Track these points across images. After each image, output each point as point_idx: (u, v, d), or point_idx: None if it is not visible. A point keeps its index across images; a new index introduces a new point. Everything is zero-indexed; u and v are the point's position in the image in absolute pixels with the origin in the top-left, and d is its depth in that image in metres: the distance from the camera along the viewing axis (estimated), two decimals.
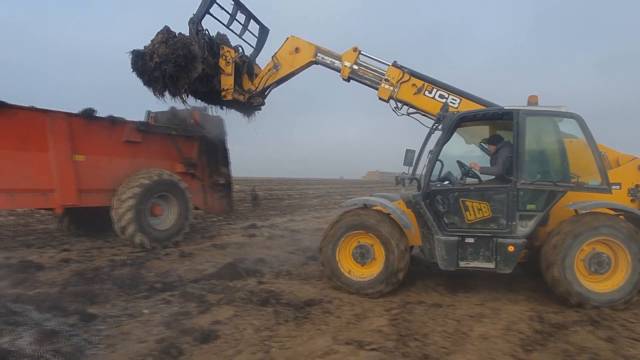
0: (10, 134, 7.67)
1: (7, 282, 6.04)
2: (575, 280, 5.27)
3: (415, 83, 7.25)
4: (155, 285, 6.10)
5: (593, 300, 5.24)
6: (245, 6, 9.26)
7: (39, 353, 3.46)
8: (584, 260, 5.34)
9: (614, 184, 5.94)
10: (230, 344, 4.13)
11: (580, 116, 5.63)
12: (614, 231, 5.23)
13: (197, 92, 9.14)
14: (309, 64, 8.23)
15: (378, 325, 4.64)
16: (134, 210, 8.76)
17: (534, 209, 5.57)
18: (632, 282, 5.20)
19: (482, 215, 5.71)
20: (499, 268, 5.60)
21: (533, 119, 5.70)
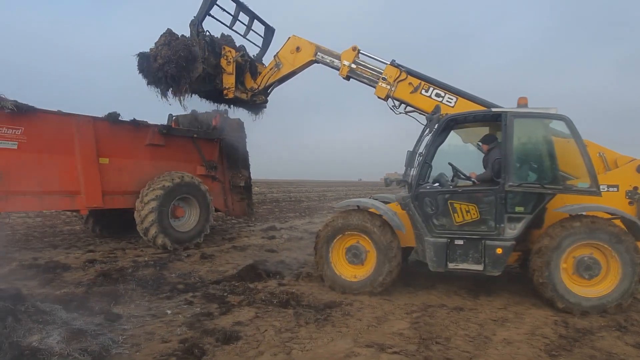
0: (38, 137, 7.90)
1: (36, 282, 6.22)
2: (561, 285, 5.22)
3: (412, 82, 7.25)
4: (178, 286, 6.19)
5: (581, 306, 5.16)
6: (247, 7, 9.40)
7: (67, 351, 3.54)
8: (573, 264, 5.28)
9: (612, 186, 5.87)
10: (252, 345, 4.16)
11: (568, 118, 5.54)
12: (600, 234, 5.14)
13: (200, 91, 9.31)
14: (309, 63, 8.33)
15: (399, 328, 4.62)
16: (157, 212, 8.92)
17: (522, 211, 5.52)
18: (623, 286, 5.10)
19: (470, 217, 5.69)
20: (488, 270, 5.57)
21: (521, 120, 5.66)
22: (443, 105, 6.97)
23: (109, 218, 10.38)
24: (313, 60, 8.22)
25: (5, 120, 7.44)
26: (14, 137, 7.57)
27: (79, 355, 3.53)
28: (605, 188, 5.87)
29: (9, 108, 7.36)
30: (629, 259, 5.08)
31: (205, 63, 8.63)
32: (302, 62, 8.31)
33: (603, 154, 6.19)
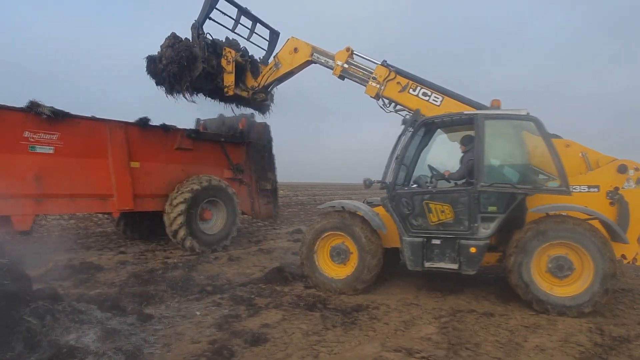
0: (73, 142, 8.17)
1: (71, 282, 6.43)
2: (534, 285, 5.28)
3: (400, 81, 7.40)
4: (206, 287, 6.28)
5: (556, 306, 5.19)
6: (249, 11, 9.66)
7: (102, 350, 3.64)
8: (546, 264, 5.31)
9: (593, 187, 5.86)
10: (280, 347, 4.19)
11: (537, 119, 5.60)
12: (569, 234, 5.16)
13: (203, 89, 9.58)
14: (306, 63, 8.59)
15: (427, 333, 4.57)
16: (185, 215, 9.09)
17: (495, 211, 5.60)
18: (597, 286, 5.08)
19: (445, 217, 5.81)
20: (463, 269, 5.66)
21: (492, 122, 5.74)
22: (429, 104, 7.12)
23: (139, 220, 10.63)
24: (310, 61, 8.51)
25: (43, 126, 7.73)
26: (51, 142, 7.85)
27: (113, 354, 3.63)
28: (586, 189, 5.89)
29: (46, 114, 7.65)
30: (601, 258, 5.06)
31: (206, 63, 9.04)
32: (299, 62, 8.60)
33: (585, 154, 6.14)
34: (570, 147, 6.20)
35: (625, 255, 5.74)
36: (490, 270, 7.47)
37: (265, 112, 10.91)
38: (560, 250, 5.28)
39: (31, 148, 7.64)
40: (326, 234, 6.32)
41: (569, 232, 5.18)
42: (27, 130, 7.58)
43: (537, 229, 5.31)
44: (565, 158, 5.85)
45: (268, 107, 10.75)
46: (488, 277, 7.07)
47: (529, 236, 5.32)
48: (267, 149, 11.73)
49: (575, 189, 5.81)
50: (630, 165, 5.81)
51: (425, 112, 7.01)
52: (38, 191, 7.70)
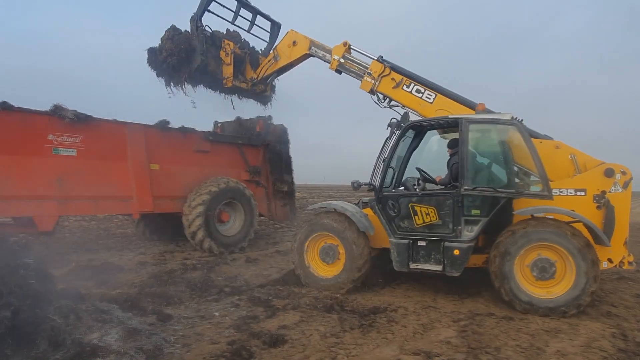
0: (94, 145, 8.33)
1: (93, 282, 6.55)
2: (517, 287, 5.33)
3: (395, 77, 7.44)
4: (224, 289, 6.34)
5: (539, 307, 5.22)
6: (248, 3, 9.74)
7: (124, 349, 3.71)
8: (529, 266, 5.35)
9: (579, 190, 5.86)
10: (298, 348, 4.20)
11: (519, 123, 5.71)
12: (551, 236, 5.20)
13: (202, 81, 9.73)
14: (304, 57, 8.69)
15: (446, 336, 4.53)
16: (203, 217, 9.19)
17: (479, 214, 5.65)
18: (579, 287, 5.10)
19: (429, 220, 5.91)
20: (447, 271, 5.74)
21: (475, 126, 5.82)
22: (422, 101, 7.17)
23: (158, 222, 10.78)
24: (308, 54, 8.60)
25: (66, 129, 7.91)
26: (73, 145, 8.03)
27: (134, 353, 3.69)
28: (573, 192, 5.90)
29: (70, 117, 7.83)
30: (582, 260, 5.09)
31: (204, 54, 9.21)
32: (297, 56, 8.72)
33: (575, 156, 6.14)
34: (559, 149, 6.24)
35: (611, 259, 5.72)
36: None
37: (267, 104, 11.07)
38: (544, 252, 5.31)
39: (55, 151, 7.83)
40: (315, 234, 6.50)
41: (551, 234, 5.22)
42: (51, 133, 7.77)
43: (519, 231, 5.36)
44: (554, 160, 6.03)
45: (269, 98, 10.92)
46: None
47: (512, 238, 5.37)
48: (284, 151, 11.79)
49: (563, 192, 5.88)
50: (617, 169, 5.78)
51: (418, 109, 7.18)
52: (61, 193, 7.88)
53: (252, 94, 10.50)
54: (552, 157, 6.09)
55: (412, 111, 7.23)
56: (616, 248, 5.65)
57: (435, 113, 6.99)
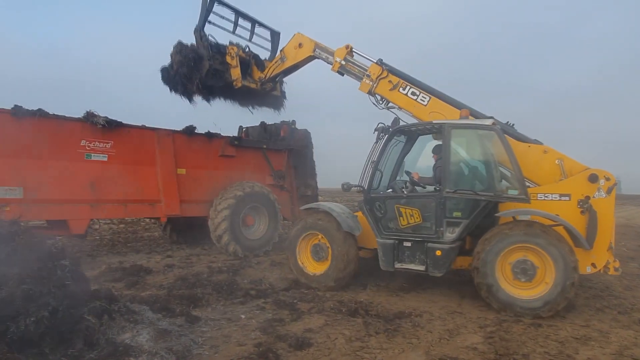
0: (124, 150, 8.58)
1: (123, 284, 6.74)
2: (498, 287, 5.45)
3: (392, 80, 7.59)
4: (250, 292, 6.42)
5: (517, 307, 5.33)
6: (246, 14, 10.17)
7: (155, 350, 3.81)
8: (510, 267, 5.47)
9: (564, 195, 5.95)
10: (324, 352, 4.24)
11: (498, 129, 5.94)
12: (532, 238, 5.33)
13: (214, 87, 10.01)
14: (308, 58, 8.95)
15: (472, 342, 4.50)
16: (229, 221, 9.32)
17: (460, 216, 5.89)
18: (557, 289, 5.19)
19: (414, 221, 6.16)
20: (430, 271, 5.97)
21: (457, 131, 6.08)
22: (417, 103, 7.34)
23: (184, 225, 10.98)
24: (312, 56, 8.84)
25: (98, 135, 8.17)
26: (104, 150, 8.28)
27: (165, 353, 3.79)
28: (557, 197, 6.00)
29: (101, 124, 8.09)
30: (562, 262, 5.18)
31: (211, 60, 9.60)
32: (302, 57, 8.95)
33: (562, 161, 6.22)
34: (547, 154, 6.34)
35: (595, 264, 5.81)
36: None
37: (280, 109, 11.42)
38: (525, 254, 5.43)
39: (87, 156, 8.09)
40: (306, 233, 6.87)
41: (531, 237, 5.34)
42: (84, 139, 8.03)
43: (500, 233, 5.51)
44: (542, 164, 6.23)
45: (281, 102, 11.29)
46: None
47: (492, 240, 5.51)
48: (308, 155, 11.86)
49: (548, 197, 6.02)
50: (600, 174, 5.85)
51: (412, 111, 7.36)
52: (93, 197, 8.13)
53: (264, 100, 10.89)
54: (540, 162, 6.29)
55: (407, 113, 7.46)
56: (599, 253, 5.75)
57: (428, 115, 7.15)
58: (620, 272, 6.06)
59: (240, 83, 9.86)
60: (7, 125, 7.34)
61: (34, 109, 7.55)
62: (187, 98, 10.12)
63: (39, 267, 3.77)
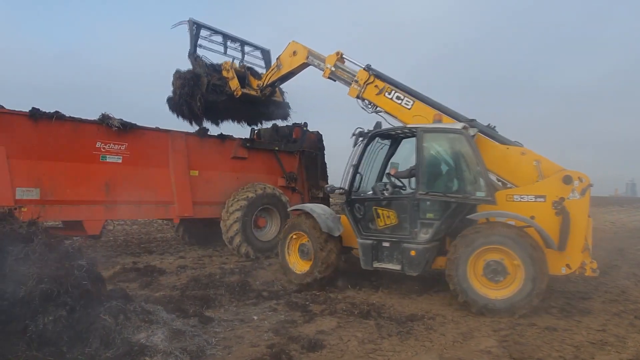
0: (138, 152, 8.69)
1: (137, 284, 6.82)
2: (470, 289, 5.55)
3: (378, 84, 7.75)
4: (262, 293, 6.45)
5: (491, 308, 5.43)
6: (233, 36, 10.84)
7: (169, 350, 3.85)
8: (482, 268, 5.59)
9: (539, 197, 5.98)
10: (336, 354, 4.24)
11: (465, 132, 6.10)
12: (500, 239, 5.46)
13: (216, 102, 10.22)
14: (303, 65, 9.19)
15: (487, 345, 4.46)
16: (241, 222, 9.38)
17: (432, 217, 6.08)
18: (527, 289, 5.29)
19: (390, 222, 6.40)
20: (406, 270, 6.16)
21: (429, 135, 6.29)
22: (401, 107, 7.47)
23: (196, 227, 11.06)
24: (305, 63, 9.05)
25: (113, 137, 8.29)
26: (119, 152, 8.40)
27: (179, 353, 3.83)
28: (533, 198, 6.03)
29: (116, 126, 8.20)
30: (531, 262, 5.28)
31: (209, 77, 10.00)
32: (297, 64, 9.19)
33: (539, 162, 6.22)
34: (525, 155, 6.39)
35: (569, 265, 5.81)
36: (551, 283, 7.17)
37: (287, 117, 11.71)
38: (495, 255, 5.54)
39: (102, 158, 8.22)
40: (293, 233, 7.20)
41: (500, 238, 5.47)
42: (99, 141, 8.16)
43: (471, 235, 5.64)
44: (520, 166, 6.32)
45: (286, 111, 11.61)
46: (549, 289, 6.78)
47: (464, 241, 5.65)
48: (319, 157, 11.89)
49: (524, 198, 6.06)
50: (575, 176, 5.87)
51: (397, 115, 7.52)
52: (108, 198, 8.25)
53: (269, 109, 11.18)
54: (518, 163, 6.36)
55: (392, 117, 7.62)
56: (573, 254, 5.75)
57: (412, 119, 7.30)
58: (598, 273, 6.07)
59: (240, 91, 10.13)
60: (24, 128, 7.48)
61: (51, 112, 7.68)
62: (195, 121, 10.39)
63: (56, 267, 3.83)
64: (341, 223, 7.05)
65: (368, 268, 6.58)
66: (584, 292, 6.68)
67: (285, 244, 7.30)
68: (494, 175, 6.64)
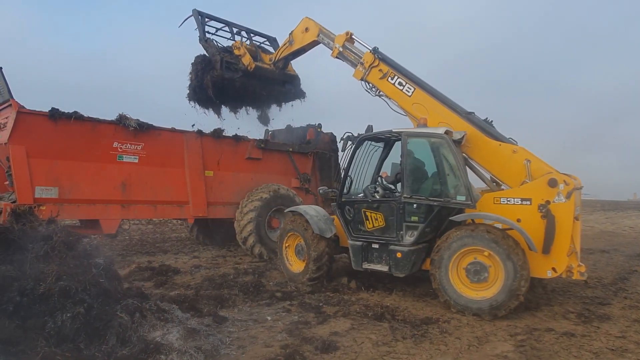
0: (154, 152, 8.78)
1: (152, 283, 6.88)
2: (451, 289, 5.68)
3: (382, 69, 7.71)
4: (276, 294, 6.46)
5: (471, 308, 5.52)
6: (236, 24, 10.82)
7: (184, 348, 3.87)
8: (464, 270, 5.70)
9: (525, 199, 5.98)
10: (350, 355, 4.23)
11: (446, 137, 6.16)
12: (482, 241, 5.54)
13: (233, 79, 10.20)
14: (313, 43, 9.14)
15: (502, 350, 4.40)
16: (254, 223, 9.41)
17: (417, 220, 6.20)
18: (506, 290, 5.35)
19: (378, 225, 6.55)
20: (393, 272, 6.33)
21: (413, 139, 6.43)
22: (402, 93, 7.43)
23: (211, 227, 11.13)
24: (316, 41, 8.97)
25: (129, 137, 8.40)
26: (136, 152, 8.50)
27: (194, 352, 3.85)
28: (519, 201, 6.04)
29: (133, 126, 8.30)
30: (511, 264, 5.35)
31: (222, 55, 10.06)
32: (308, 41, 9.14)
33: (529, 162, 6.21)
34: (516, 154, 6.37)
35: (555, 269, 5.74)
36: (569, 288, 7.06)
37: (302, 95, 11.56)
38: (478, 256, 5.62)
39: (119, 157, 8.33)
40: (290, 234, 7.45)
41: (481, 240, 5.55)
42: (116, 141, 8.26)
43: (453, 237, 5.77)
44: (510, 164, 6.34)
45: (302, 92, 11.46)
46: (567, 294, 6.68)
47: (446, 243, 5.78)
48: (333, 158, 11.88)
49: (510, 201, 6.08)
50: (560, 179, 5.82)
51: (398, 100, 7.51)
52: (124, 197, 8.35)
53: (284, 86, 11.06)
54: (509, 161, 6.36)
55: (393, 102, 7.62)
56: (559, 257, 5.70)
57: (411, 106, 7.32)
58: (587, 277, 6.01)
59: (253, 64, 10.17)
60: (44, 127, 7.62)
61: (70, 112, 7.81)
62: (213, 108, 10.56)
63: (75, 264, 3.89)
64: (334, 225, 7.23)
65: (358, 269, 6.76)
66: (603, 298, 6.56)
67: (282, 244, 7.56)
68: (488, 173, 6.73)
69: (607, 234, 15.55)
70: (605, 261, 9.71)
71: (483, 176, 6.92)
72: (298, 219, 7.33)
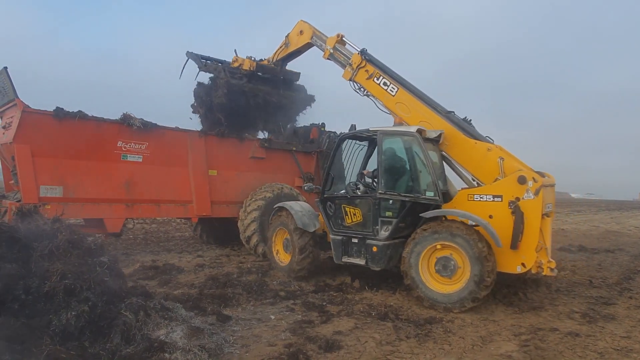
0: (158, 151, 8.80)
1: (156, 282, 6.90)
2: (422, 284, 5.87)
3: (368, 69, 7.93)
4: (279, 293, 6.46)
5: (441, 302, 5.71)
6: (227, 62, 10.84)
7: (188, 347, 3.88)
8: (435, 264, 5.89)
9: (497, 196, 6.09)
10: (354, 355, 4.23)
11: (417, 135, 6.34)
12: (449, 237, 5.73)
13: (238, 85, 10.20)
14: (307, 45, 9.38)
15: (507, 350, 4.39)
16: (258, 222, 9.41)
17: (391, 215, 6.44)
18: (473, 284, 5.53)
19: (356, 220, 6.82)
20: (370, 265, 6.57)
21: (388, 138, 6.68)
22: (387, 93, 7.65)
23: (215, 226, 11.14)
24: (309, 43, 9.21)
25: (134, 137, 8.42)
26: (140, 151, 8.53)
27: (198, 351, 3.85)
28: (491, 198, 6.16)
29: (137, 125, 8.32)
30: (475, 257, 5.53)
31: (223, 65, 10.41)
32: (302, 43, 9.40)
33: (502, 160, 6.32)
34: (490, 152, 6.53)
35: (524, 264, 5.86)
36: (574, 288, 7.03)
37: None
38: (447, 252, 5.82)
39: (123, 157, 8.36)
40: (278, 229, 7.77)
41: (449, 235, 5.73)
42: (120, 140, 8.29)
43: (422, 232, 5.97)
44: (485, 162, 6.50)
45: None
46: (572, 294, 6.65)
47: (416, 238, 5.98)
48: None
49: (483, 198, 6.22)
50: (529, 176, 5.91)
51: (382, 100, 7.75)
52: (128, 196, 8.37)
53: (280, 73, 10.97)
54: (484, 159, 6.52)
55: (379, 101, 7.85)
56: (527, 253, 5.81)
57: (395, 105, 7.55)
58: (557, 272, 6.08)
59: (254, 64, 10.35)
60: (49, 127, 7.65)
61: (74, 111, 7.84)
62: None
63: (80, 263, 3.90)
64: (319, 220, 7.47)
65: (339, 262, 7.02)
66: (608, 298, 6.54)
67: (272, 239, 7.90)
68: (469, 173, 6.82)
69: (612, 234, 15.49)
70: (610, 261, 9.67)
71: (462, 174, 7.01)
72: (284, 215, 7.62)
